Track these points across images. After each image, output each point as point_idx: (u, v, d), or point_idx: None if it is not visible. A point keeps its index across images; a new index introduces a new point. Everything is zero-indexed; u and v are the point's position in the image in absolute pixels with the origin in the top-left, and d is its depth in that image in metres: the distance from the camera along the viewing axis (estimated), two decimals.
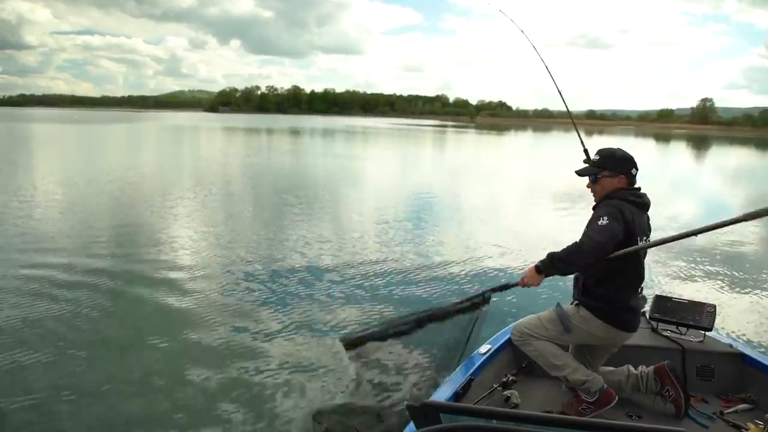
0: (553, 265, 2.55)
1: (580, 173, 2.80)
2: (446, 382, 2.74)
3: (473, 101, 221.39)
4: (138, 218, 9.48)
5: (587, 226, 2.59)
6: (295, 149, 30.28)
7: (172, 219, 9.53)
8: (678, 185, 18.49)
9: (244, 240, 7.96)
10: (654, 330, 3.25)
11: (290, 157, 24.38)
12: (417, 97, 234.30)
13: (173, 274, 6.20)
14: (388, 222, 9.67)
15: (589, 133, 64.57)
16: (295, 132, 52.37)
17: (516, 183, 17.59)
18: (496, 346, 3.06)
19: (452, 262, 7.06)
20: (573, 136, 3.42)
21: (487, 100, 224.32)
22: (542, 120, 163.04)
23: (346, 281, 6.11)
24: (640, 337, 3.03)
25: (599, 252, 2.48)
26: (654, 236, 2.74)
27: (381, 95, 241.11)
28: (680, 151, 44.46)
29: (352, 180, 17.05)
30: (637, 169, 2.73)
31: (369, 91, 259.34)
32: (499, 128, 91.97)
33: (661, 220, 10.00)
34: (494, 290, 3.03)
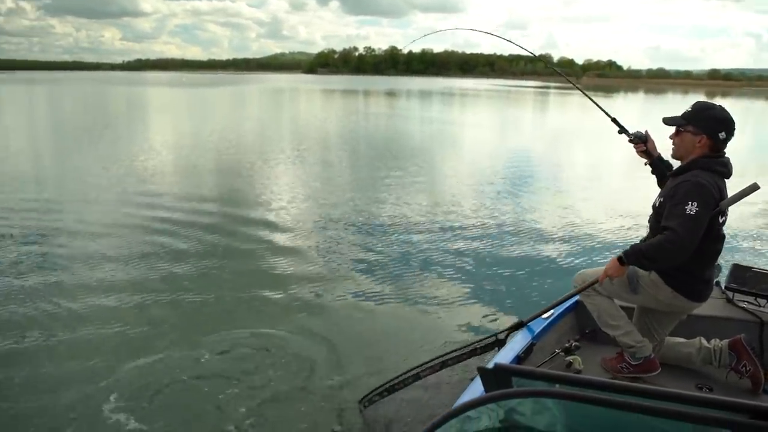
0: (637, 260, 2.40)
1: (668, 122, 2.55)
2: (507, 345, 2.70)
3: (579, 60, 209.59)
4: (240, 178, 10.01)
5: (673, 208, 2.32)
6: (391, 113, 30.28)
7: (272, 180, 9.96)
8: None
9: (341, 204, 8.17)
10: (729, 300, 3.04)
11: (386, 121, 24.45)
12: (518, 57, 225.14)
13: (270, 234, 6.55)
14: (484, 190, 9.49)
15: (711, 95, 58.75)
16: (391, 94, 52.33)
17: (621, 151, 16.46)
18: (559, 312, 2.95)
19: (548, 231, 6.85)
20: (691, 99, 3.08)
21: (595, 59, 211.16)
22: (656, 81, 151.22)
23: (435, 248, 6.11)
24: (714, 307, 2.90)
25: (689, 249, 2.28)
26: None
27: (480, 55, 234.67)
28: None
29: (448, 146, 16.84)
30: (728, 135, 2.39)
31: (468, 51, 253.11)
32: (607, 90, 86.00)
33: None
34: (511, 330, 2.78)
